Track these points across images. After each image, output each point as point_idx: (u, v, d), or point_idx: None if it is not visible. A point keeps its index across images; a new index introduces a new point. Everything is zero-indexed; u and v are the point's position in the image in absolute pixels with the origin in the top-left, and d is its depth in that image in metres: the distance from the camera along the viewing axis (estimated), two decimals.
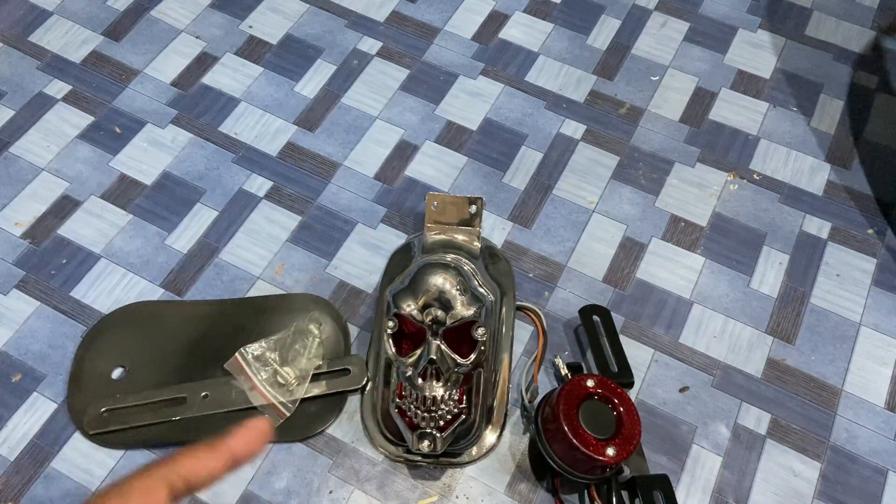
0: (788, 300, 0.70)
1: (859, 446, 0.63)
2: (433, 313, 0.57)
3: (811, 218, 0.75)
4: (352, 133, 0.79)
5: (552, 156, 0.78)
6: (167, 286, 0.69)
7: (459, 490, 0.60)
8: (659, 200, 0.76)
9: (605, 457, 0.54)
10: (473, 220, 0.68)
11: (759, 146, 0.80)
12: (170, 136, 0.78)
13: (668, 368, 0.66)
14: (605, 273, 0.71)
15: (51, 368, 0.65)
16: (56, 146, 0.77)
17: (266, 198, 0.75)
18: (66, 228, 0.72)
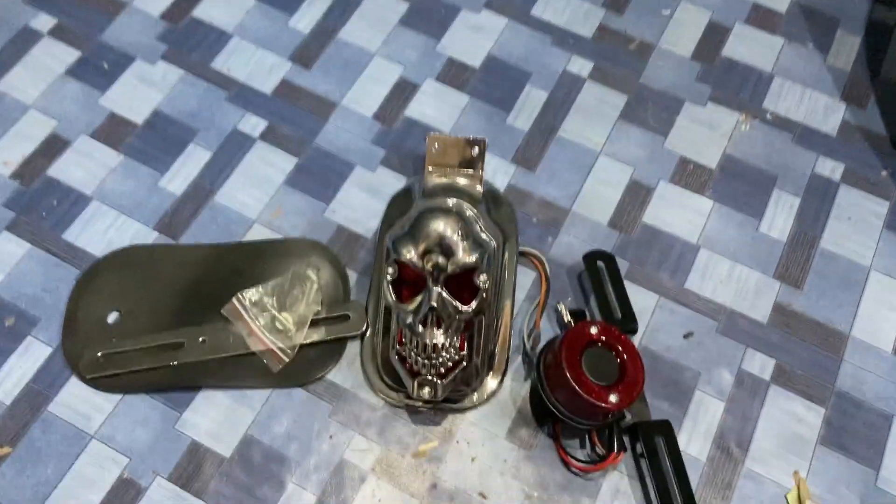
0: (798, 244, 0.69)
1: (865, 392, 0.63)
2: (434, 260, 0.56)
3: (824, 159, 0.73)
4: (349, 70, 0.76)
5: (558, 95, 0.75)
6: (161, 229, 0.67)
7: (460, 435, 0.60)
8: (668, 142, 0.73)
9: (608, 403, 0.53)
10: (475, 162, 0.66)
11: (773, 84, 0.77)
12: (160, 73, 0.75)
13: (672, 314, 0.65)
14: (611, 217, 0.69)
15: (45, 312, 0.64)
16: (43, 83, 0.74)
17: (261, 138, 0.72)
18: (55, 169, 0.70)
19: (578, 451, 0.60)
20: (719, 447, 0.60)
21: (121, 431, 0.59)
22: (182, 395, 0.61)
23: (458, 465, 0.59)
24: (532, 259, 0.66)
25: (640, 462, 0.59)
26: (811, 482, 0.59)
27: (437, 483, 0.58)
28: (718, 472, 0.60)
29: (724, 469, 0.60)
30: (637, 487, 0.59)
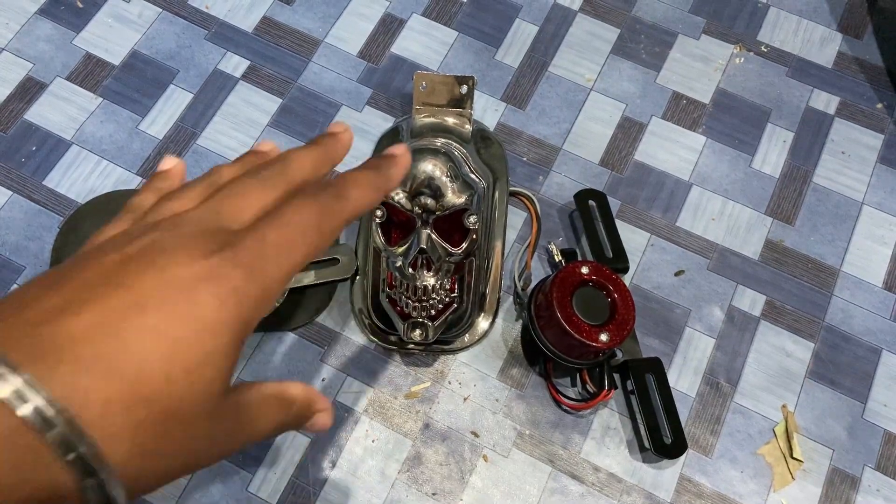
0: (790, 180, 0.68)
1: (854, 326, 0.63)
2: (423, 201, 0.55)
3: (819, 92, 0.71)
4: (332, 6, 0.73)
5: (548, 29, 0.73)
6: (144, 174, 0.66)
7: (452, 376, 0.60)
8: (660, 77, 0.72)
9: (599, 343, 0.53)
10: (464, 101, 0.64)
11: (769, 15, 0.75)
12: (136, 11, 0.72)
13: (663, 252, 0.65)
14: (602, 155, 0.68)
15: (30, 260, 0.63)
16: (16, 23, 0.72)
17: (243, 78, 0.70)
18: (32, 113, 0.68)
19: (569, 390, 0.60)
20: (709, 383, 0.61)
21: None
22: None
23: (450, 405, 0.59)
24: (522, 199, 0.65)
25: (630, 399, 0.60)
26: (799, 415, 0.60)
27: (430, 423, 0.59)
28: (708, 407, 0.60)
29: (714, 404, 0.60)
30: (627, 424, 0.59)
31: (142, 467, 0.25)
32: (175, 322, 0.25)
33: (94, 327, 0.24)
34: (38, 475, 0.22)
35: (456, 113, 0.64)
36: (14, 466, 0.22)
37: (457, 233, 0.57)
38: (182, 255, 0.26)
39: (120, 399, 0.23)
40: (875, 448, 0.59)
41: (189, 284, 0.25)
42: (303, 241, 0.29)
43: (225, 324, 0.26)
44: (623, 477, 0.58)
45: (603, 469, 0.58)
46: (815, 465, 0.59)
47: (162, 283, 0.25)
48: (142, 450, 0.24)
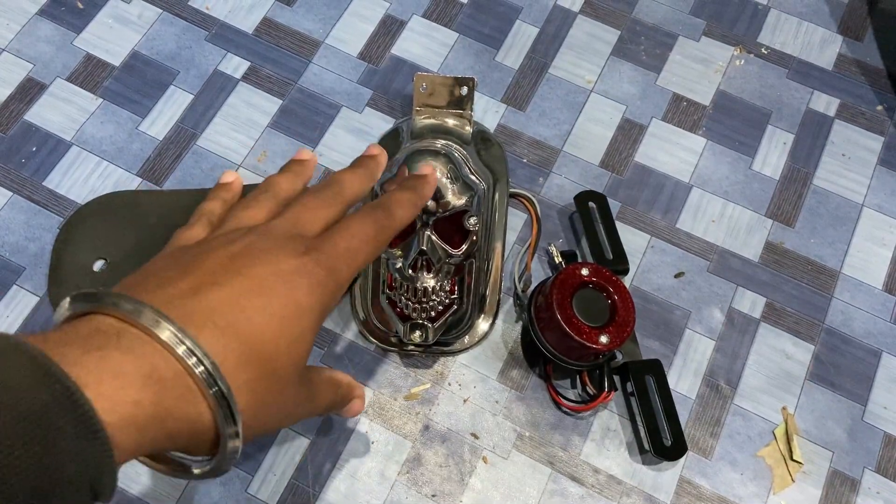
0: (790, 182, 0.68)
1: (854, 328, 0.63)
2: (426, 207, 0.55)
3: (819, 94, 0.72)
4: (333, 7, 0.73)
5: (548, 30, 0.73)
6: (144, 175, 0.66)
7: (452, 378, 0.60)
8: (661, 78, 0.72)
9: (599, 345, 0.53)
10: (465, 102, 0.64)
11: (769, 17, 0.75)
12: (136, 12, 0.72)
13: (663, 254, 0.65)
14: (602, 157, 0.68)
15: (29, 261, 0.63)
16: (16, 24, 0.72)
17: (243, 79, 0.70)
18: (32, 114, 0.68)
19: (569, 392, 0.60)
20: (709, 385, 0.61)
21: None
22: None
23: (450, 407, 0.59)
24: (522, 200, 0.65)
25: (630, 401, 0.60)
26: (799, 417, 0.60)
27: (430, 424, 0.59)
28: (708, 409, 0.60)
29: (714, 406, 0.60)
30: (627, 425, 0.59)
31: (255, 416, 0.31)
32: (281, 304, 0.32)
33: (224, 303, 0.31)
34: (188, 407, 0.29)
35: (456, 114, 0.64)
36: (176, 397, 0.29)
37: (457, 234, 0.57)
38: (280, 253, 0.34)
39: (246, 359, 0.31)
40: (875, 450, 0.59)
41: (289, 276, 0.33)
42: (364, 250, 0.37)
43: (314, 309, 0.34)
44: (623, 479, 0.58)
45: (603, 471, 0.58)
46: (815, 468, 0.59)
47: (269, 273, 0.33)
48: (255, 401, 0.31)
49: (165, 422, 0.29)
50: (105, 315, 0.29)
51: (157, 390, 0.28)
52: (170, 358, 0.29)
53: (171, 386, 0.29)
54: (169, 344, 0.28)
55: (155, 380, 0.28)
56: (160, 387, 0.28)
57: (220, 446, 0.31)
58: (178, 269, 0.33)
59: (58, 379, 0.26)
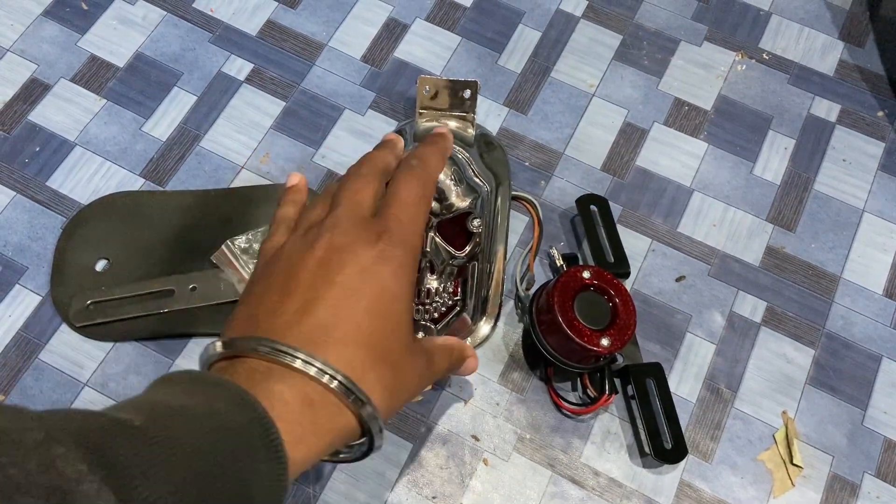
0: (791, 187, 0.68)
1: (855, 333, 0.63)
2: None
3: (820, 100, 0.72)
4: (336, 10, 0.74)
5: (551, 35, 0.74)
6: (147, 176, 0.66)
7: (453, 379, 0.60)
8: (662, 83, 0.72)
9: (600, 347, 0.53)
10: (468, 105, 0.64)
11: (771, 22, 0.75)
12: (140, 14, 0.73)
13: (665, 258, 0.65)
14: (604, 161, 0.68)
15: (32, 260, 0.63)
16: (20, 25, 0.72)
17: (247, 81, 0.70)
18: (36, 114, 0.68)
19: (570, 394, 0.60)
20: (709, 388, 0.61)
21: (113, 379, 0.59)
22: (174, 342, 0.61)
23: (450, 409, 0.59)
24: (524, 203, 0.66)
25: (630, 404, 0.60)
26: (799, 422, 0.60)
27: (430, 426, 0.59)
28: (708, 412, 0.60)
29: (714, 410, 0.60)
30: (628, 428, 0.59)
31: (389, 403, 0.37)
32: (376, 299, 0.36)
33: (332, 317, 0.35)
34: (338, 418, 0.35)
35: (459, 117, 0.64)
36: (327, 413, 0.34)
37: (460, 236, 0.57)
38: (358, 248, 0.37)
39: (369, 360, 0.35)
40: (875, 455, 0.59)
41: (373, 269, 0.37)
42: (420, 210, 0.41)
43: (403, 290, 0.38)
44: (623, 482, 0.58)
45: (603, 474, 0.58)
46: (816, 472, 0.59)
47: (356, 273, 0.36)
48: (386, 391, 0.36)
49: (323, 436, 0.34)
50: (249, 357, 0.35)
51: (312, 411, 0.33)
52: (312, 382, 0.34)
53: (320, 405, 0.34)
54: (306, 372, 0.33)
55: (308, 403, 0.33)
56: (313, 408, 0.34)
57: (367, 438, 0.37)
58: (279, 291, 0.37)
59: (253, 407, 0.31)
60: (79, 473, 0.24)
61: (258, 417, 0.31)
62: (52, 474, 0.23)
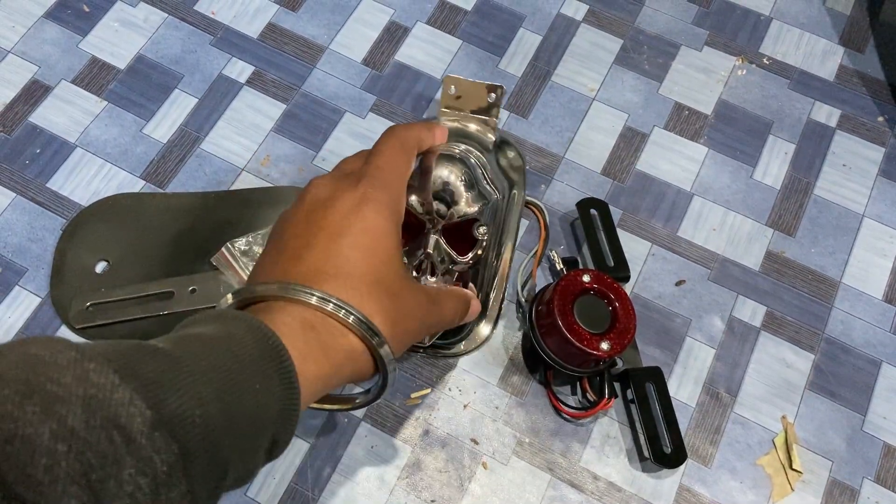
0: (792, 191, 0.68)
1: (854, 338, 0.63)
2: (435, 206, 0.55)
3: (820, 105, 0.72)
4: (337, 13, 0.74)
5: (552, 39, 0.74)
6: (148, 177, 0.66)
7: (452, 383, 0.60)
8: (663, 87, 0.72)
9: (599, 351, 0.53)
10: (491, 109, 0.62)
11: (771, 27, 0.75)
12: (142, 16, 0.73)
13: (665, 262, 0.65)
14: (604, 165, 0.69)
15: (32, 262, 0.63)
16: (22, 26, 0.72)
17: (248, 84, 0.70)
18: (37, 116, 0.68)
19: (570, 398, 0.60)
20: (709, 393, 0.61)
21: None
22: None
23: (449, 412, 0.59)
24: (531, 208, 0.66)
25: (630, 408, 0.60)
26: (798, 426, 0.60)
27: (430, 429, 0.59)
28: (707, 417, 0.60)
29: (714, 414, 0.60)
30: (627, 433, 0.59)
31: (394, 328, 0.39)
32: (362, 236, 0.40)
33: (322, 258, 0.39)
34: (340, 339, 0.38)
35: (480, 120, 0.63)
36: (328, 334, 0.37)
37: (465, 241, 0.57)
38: (339, 195, 0.41)
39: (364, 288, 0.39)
40: (874, 460, 0.59)
41: (356, 210, 0.40)
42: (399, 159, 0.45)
43: (388, 227, 0.41)
44: (622, 486, 0.58)
45: (602, 478, 0.58)
46: (815, 477, 0.59)
47: (341, 216, 0.40)
48: (388, 315, 0.39)
49: (330, 354, 0.37)
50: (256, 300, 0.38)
51: (315, 333, 0.36)
52: (310, 308, 0.37)
53: (322, 327, 0.37)
54: (305, 301, 0.37)
55: (309, 327, 0.36)
56: (315, 331, 0.36)
57: (381, 375, 0.40)
58: (276, 250, 0.41)
59: (264, 332, 0.34)
60: (112, 383, 0.26)
61: (273, 345, 0.34)
62: (87, 385, 0.26)
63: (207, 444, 0.29)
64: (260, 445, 0.33)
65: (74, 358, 0.26)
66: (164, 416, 0.27)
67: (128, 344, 0.30)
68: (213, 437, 0.29)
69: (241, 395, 0.31)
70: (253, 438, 0.32)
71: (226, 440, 0.30)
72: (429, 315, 0.44)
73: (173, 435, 0.27)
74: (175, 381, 0.28)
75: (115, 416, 0.25)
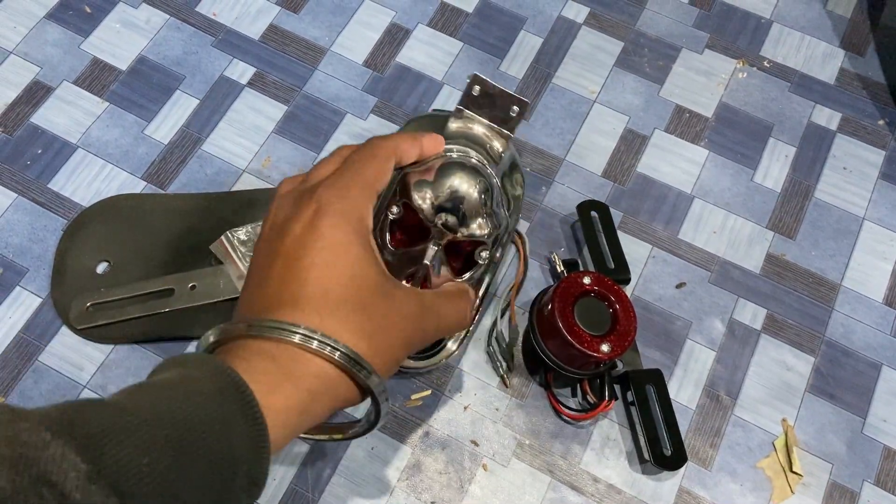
0: (792, 194, 0.68)
1: (854, 341, 0.63)
2: (445, 218, 0.49)
3: (821, 108, 0.72)
4: (339, 15, 0.74)
5: (552, 41, 0.74)
6: (149, 178, 0.66)
7: (452, 385, 0.60)
8: (663, 90, 0.72)
9: (600, 353, 0.53)
10: (511, 122, 0.54)
11: (772, 31, 0.75)
12: (144, 17, 0.73)
13: (665, 264, 0.65)
14: (605, 167, 0.69)
15: (32, 262, 0.63)
16: (23, 27, 0.72)
17: (249, 85, 0.71)
18: (39, 116, 0.68)
19: (570, 400, 0.60)
20: (709, 395, 0.61)
21: (113, 382, 0.59)
22: (174, 345, 0.61)
23: (450, 414, 0.59)
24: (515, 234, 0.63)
25: (630, 410, 0.60)
26: (799, 429, 0.60)
27: (430, 431, 0.59)
28: (708, 419, 0.60)
29: (714, 417, 0.60)
30: (627, 435, 0.59)
31: (370, 347, 0.36)
32: (319, 254, 0.37)
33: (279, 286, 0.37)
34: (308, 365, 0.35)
35: (496, 131, 0.55)
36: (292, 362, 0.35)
37: (463, 262, 0.52)
38: (295, 216, 0.38)
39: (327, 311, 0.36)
40: (874, 463, 0.59)
41: (310, 228, 0.37)
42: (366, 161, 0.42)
43: (350, 238, 0.37)
44: (622, 488, 0.58)
45: (602, 480, 0.58)
46: (815, 480, 0.59)
47: (295, 239, 0.38)
48: (358, 332, 0.36)
49: (298, 382, 0.35)
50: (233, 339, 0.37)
51: (276, 364, 0.34)
52: (269, 341, 0.35)
53: (281, 356, 0.35)
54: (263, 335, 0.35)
55: (269, 358, 0.35)
56: (275, 361, 0.35)
57: (372, 406, 0.38)
58: (246, 284, 0.40)
59: (226, 372, 0.32)
60: (43, 441, 0.25)
61: (231, 381, 0.32)
62: (16, 445, 0.25)
63: (161, 491, 0.28)
64: (233, 486, 0.31)
65: (7, 419, 0.26)
66: (103, 469, 0.26)
67: (73, 402, 0.29)
68: (168, 483, 0.28)
69: (198, 437, 0.30)
70: (221, 480, 0.31)
71: (184, 485, 0.29)
72: (422, 322, 0.41)
73: (115, 486, 0.26)
74: (118, 432, 0.27)
75: (44, 474, 0.25)
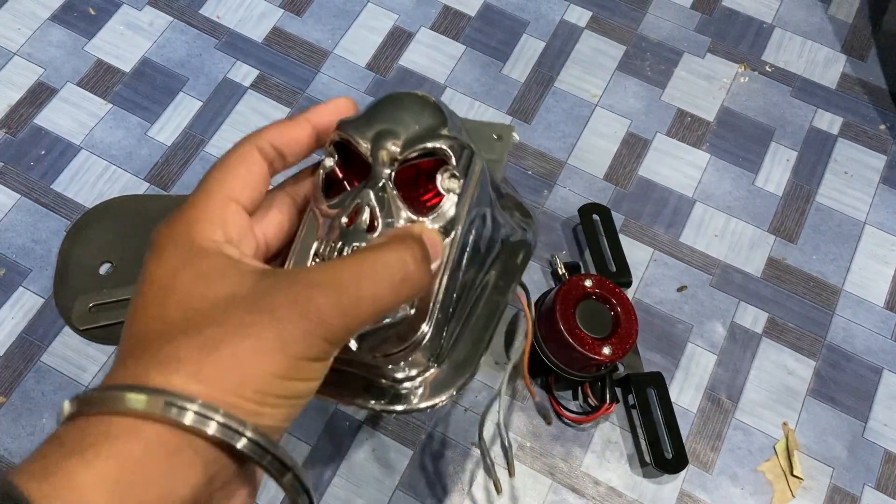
0: (793, 198, 0.68)
1: (855, 345, 0.63)
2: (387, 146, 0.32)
3: (822, 113, 0.72)
4: (342, 18, 0.74)
5: (555, 45, 0.74)
6: (152, 180, 0.67)
7: None
8: (665, 94, 0.72)
9: (601, 356, 0.53)
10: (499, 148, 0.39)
11: (773, 35, 0.75)
12: (147, 19, 0.73)
13: (666, 268, 0.65)
14: (607, 170, 0.69)
15: (35, 263, 0.63)
16: (28, 29, 0.72)
17: (252, 87, 0.71)
18: (42, 118, 0.68)
19: (571, 403, 0.60)
20: (710, 399, 0.61)
21: None
22: None
23: (451, 416, 0.59)
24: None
25: (631, 413, 0.60)
26: (800, 433, 0.60)
27: (431, 434, 0.59)
28: (709, 422, 0.60)
29: (715, 420, 0.60)
30: (628, 438, 0.59)
31: (224, 379, 0.25)
32: (141, 289, 0.28)
33: (123, 348, 0.27)
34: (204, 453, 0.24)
35: None
36: (101, 430, 0.23)
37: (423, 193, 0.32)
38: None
39: (141, 356, 0.26)
40: (875, 467, 0.59)
41: (144, 265, 0.29)
42: (222, 163, 0.30)
43: (172, 257, 0.28)
44: (623, 491, 0.58)
45: (603, 483, 0.58)
46: (816, 483, 0.59)
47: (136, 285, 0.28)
48: (198, 364, 0.25)
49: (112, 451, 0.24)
50: None
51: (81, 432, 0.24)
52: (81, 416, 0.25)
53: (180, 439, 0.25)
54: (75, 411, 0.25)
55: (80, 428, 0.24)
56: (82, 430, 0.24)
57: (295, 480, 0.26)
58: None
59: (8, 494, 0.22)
60: None
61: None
62: None
63: None
64: None
65: None
66: None
67: None
68: None
69: None
70: None
71: None
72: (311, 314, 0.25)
73: None
74: None
75: None
